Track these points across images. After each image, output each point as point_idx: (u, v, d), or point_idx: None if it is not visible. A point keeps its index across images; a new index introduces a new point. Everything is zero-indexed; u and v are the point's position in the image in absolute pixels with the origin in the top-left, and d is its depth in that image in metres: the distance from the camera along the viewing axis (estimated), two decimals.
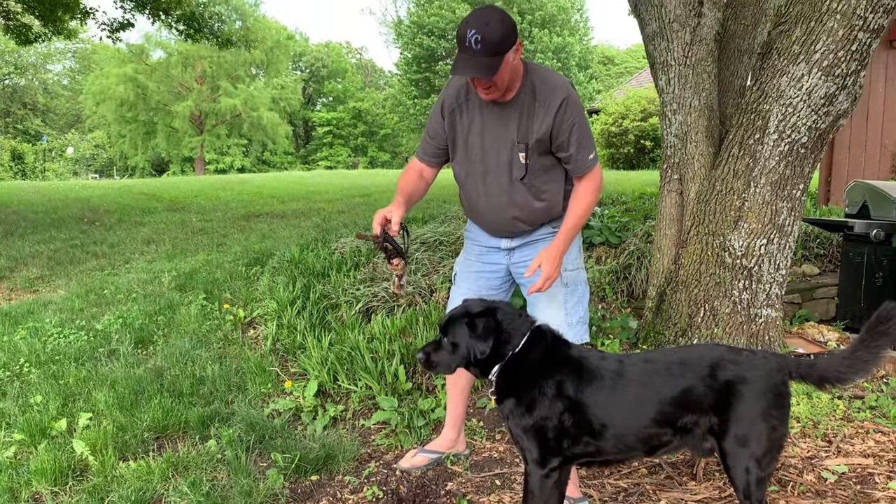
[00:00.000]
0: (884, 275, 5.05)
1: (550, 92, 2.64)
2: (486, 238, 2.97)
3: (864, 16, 3.57)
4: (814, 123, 3.84)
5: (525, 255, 2.90)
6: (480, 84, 2.54)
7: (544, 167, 2.75)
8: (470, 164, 2.80)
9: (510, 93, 2.64)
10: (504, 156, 2.72)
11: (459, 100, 2.76)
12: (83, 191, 15.20)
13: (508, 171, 2.73)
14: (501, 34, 2.42)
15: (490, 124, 2.72)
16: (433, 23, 39.32)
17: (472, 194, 2.85)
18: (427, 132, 2.89)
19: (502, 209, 2.79)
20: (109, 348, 4.51)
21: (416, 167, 2.91)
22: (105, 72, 40.50)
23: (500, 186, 2.76)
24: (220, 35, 13.37)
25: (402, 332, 4.17)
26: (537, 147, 2.67)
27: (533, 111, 2.64)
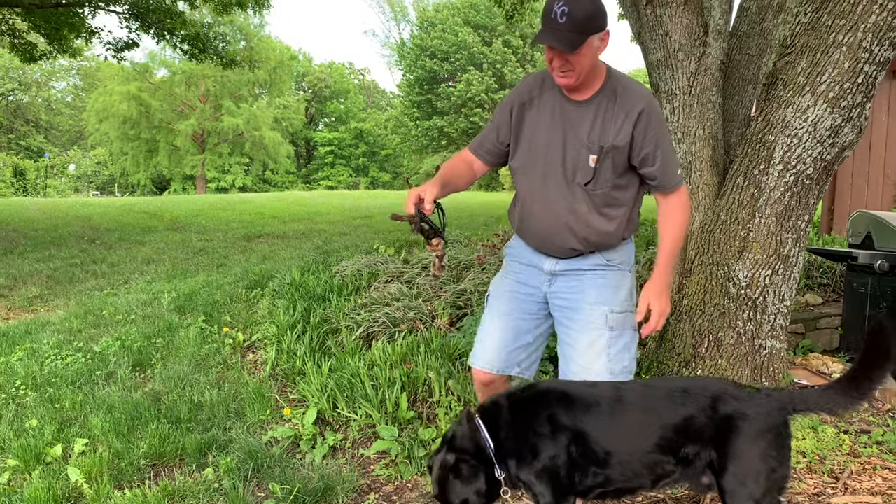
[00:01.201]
0: (888, 306, 5.02)
1: (633, 98, 2.43)
2: (528, 254, 2.68)
3: (871, 48, 3.56)
4: (819, 155, 3.82)
5: (568, 287, 2.60)
6: (558, 62, 2.31)
7: (616, 181, 2.49)
8: (532, 160, 2.53)
9: (588, 90, 2.44)
10: (571, 156, 2.45)
11: (533, 94, 2.54)
12: (84, 208, 15.20)
13: (573, 174, 2.46)
14: (590, 12, 2.25)
15: (561, 121, 2.47)
16: (436, 45, 39.58)
17: (527, 196, 2.58)
18: (489, 126, 2.66)
19: (557, 216, 2.50)
20: (107, 371, 4.47)
21: (467, 157, 2.67)
22: (109, 89, 40.70)
23: (559, 189, 2.49)
24: (224, 55, 13.43)
25: (404, 359, 4.13)
26: (613, 155, 2.43)
27: (612, 115, 2.42)
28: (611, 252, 2.59)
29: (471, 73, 38.43)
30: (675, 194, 2.54)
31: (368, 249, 7.05)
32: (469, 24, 39.72)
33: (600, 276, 2.57)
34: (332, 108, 57.73)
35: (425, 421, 3.74)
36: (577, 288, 2.58)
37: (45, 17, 12.69)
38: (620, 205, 2.54)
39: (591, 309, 2.54)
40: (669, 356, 4.32)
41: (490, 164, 2.69)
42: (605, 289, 2.55)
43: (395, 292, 5.09)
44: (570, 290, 2.59)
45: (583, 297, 2.55)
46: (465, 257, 5.96)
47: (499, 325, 2.70)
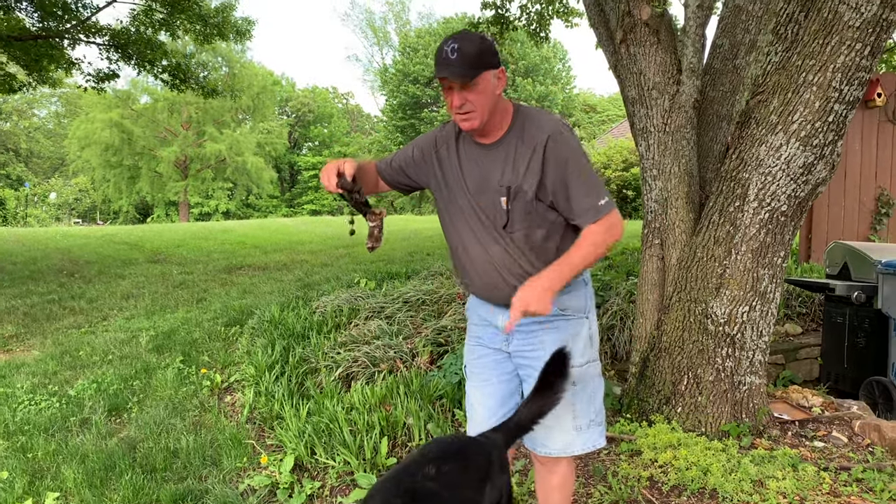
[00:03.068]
0: (865, 336, 5.05)
1: (537, 130, 2.31)
2: (481, 310, 2.58)
3: (840, 88, 3.61)
4: (793, 192, 3.85)
5: (525, 345, 2.49)
6: (457, 100, 2.23)
7: (535, 219, 2.35)
8: (454, 207, 2.45)
9: (495, 131, 2.36)
10: (486, 200, 2.36)
11: (449, 139, 2.48)
12: (64, 240, 15.07)
13: (492, 218, 2.36)
14: (480, 48, 2.21)
15: (473, 167, 2.40)
16: (418, 71, 39.83)
17: (458, 245, 2.50)
18: (403, 153, 2.59)
19: (489, 262, 2.40)
20: (82, 417, 4.40)
21: (376, 167, 2.61)
22: (91, 117, 40.56)
23: (484, 235, 2.39)
24: (205, 85, 13.42)
25: (383, 402, 4.09)
26: (524, 193, 2.30)
27: (521, 153, 2.32)
28: (563, 298, 2.43)
29: None
30: (592, 226, 2.32)
31: (349, 283, 7.02)
32: None
33: (556, 330, 2.46)
34: (316, 133, 57.78)
35: None
36: (534, 345, 2.47)
37: (25, 48, 12.61)
38: (551, 243, 2.40)
39: None
40: (649, 393, 4.31)
41: (388, 183, 2.62)
42: (563, 343, 2.39)
43: (375, 329, 5.06)
44: (528, 348, 2.49)
45: (543, 353, 2.38)
46: (445, 291, 5.94)
47: (481, 396, 2.61)
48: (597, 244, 2.31)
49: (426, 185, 2.55)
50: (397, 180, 2.58)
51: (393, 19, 57.33)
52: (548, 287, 2.21)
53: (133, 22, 12.92)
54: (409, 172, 2.54)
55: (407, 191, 2.66)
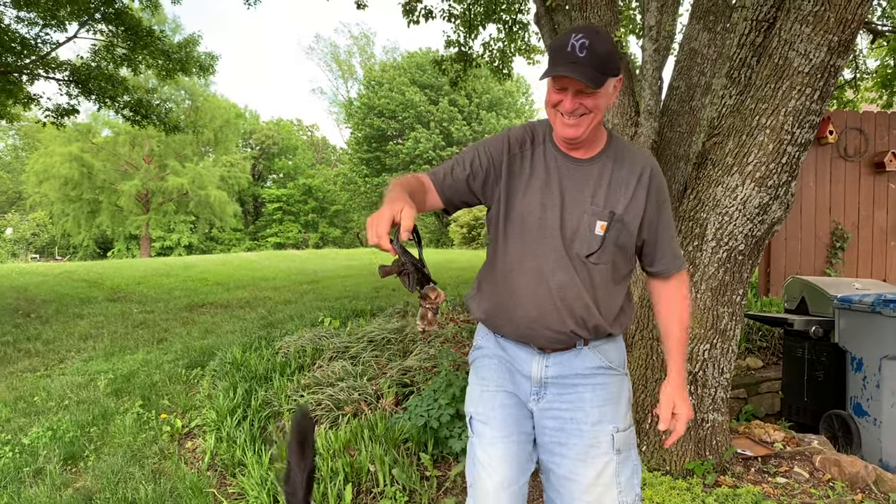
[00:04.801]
0: (824, 370, 5.13)
1: (639, 157, 2.11)
2: (508, 352, 2.20)
3: (792, 131, 3.71)
4: (750, 231, 3.93)
5: (562, 402, 2.14)
6: (570, 104, 1.94)
7: (618, 256, 2.09)
8: (521, 223, 2.08)
9: (592, 147, 2.10)
10: (571, 221, 2.04)
11: (524, 146, 2.12)
12: (20, 277, 14.73)
13: (571, 242, 2.04)
14: (610, 50, 1.92)
15: (559, 180, 2.07)
16: (383, 104, 40.05)
17: (510, 267, 2.10)
18: (458, 164, 2.13)
19: (550, 290, 2.05)
20: (36, 467, 4.26)
21: (424, 183, 2.08)
22: (49, 150, 39.95)
23: (555, 259, 2.04)
24: (167, 122, 13.34)
25: (347, 447, 4.04)
26: (624, 225, 2.05)
27: (620, 179, 2.07)
28: (608, 348, 2.17)
29: (418, 130, 38.92)
30: (678, 277, 2.23)
31: (313, 321, 6.95)
32: (415, 84, 40.35)
33: (601, 387, 2.14)
34: (280, 165, 57.62)
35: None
36: (574, 403, 2.12)
37: None
38: (621, 286, 2.17)
39: (595, 430, 2.10)
40: None
41: (448, 204, 2.13)
42: (607, 403, 2.13)
43: (339, 371, 5.01)
44: (565, 405, 2.12)
45: (583, 415, 2.10)
46: (411, 329, 5.92)
47: (498, 456, 2.12)
48: (688, 314, 2.23)
49: (489, 197, 2.14)
50: (457, 195, 2.12)
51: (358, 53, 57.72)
52: (685, 386, 2.22)
53: (94, 57, 12.84)
54: (474, 183, 2.11)
55: (458, 208, 2.18)
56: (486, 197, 2.15)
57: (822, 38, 3.54)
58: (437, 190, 2.09)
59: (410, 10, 10.51)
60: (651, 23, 4.34)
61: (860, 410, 4.81)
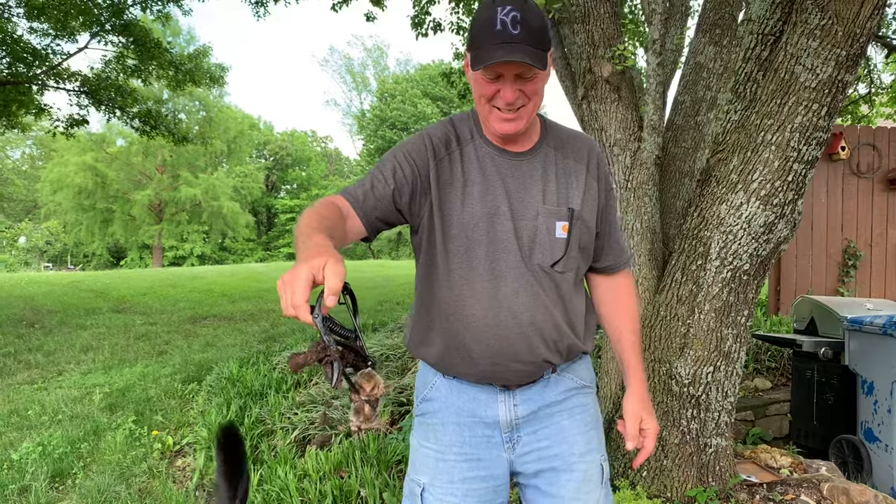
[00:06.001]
0: (834, 393, 4.98)
1: (581, 142, 1.83)
2: (467, 400, 1.81)
3: (799, 148, 3.59)
4: (755, 251, 3.81)
5: (541, 439, 1.82)
6: (510, 93, 1.61)
7: (585, 257, 1.83)
8: (465, 243, 1.70)
9: (528, 137, 1.78)
10: (527, 227, 1.71)
11: (450, 145, 1.76)
12: (29, 287, 14.75)
13: (530, 251, 1.70)
14: (544, 22, 1.60)
15: (501, 181, 1.73)
16: (395, 116, 40.17)
17: (461, 295, 1.71)
18: (382, 175, 1.71)
19: (516, 315, 1.69)
20: (22, 484, 4.18)
21: (341, 208, 1.65)
22: (64, 160, 40.27)
23: (516, 275, 1.69)
24: (175, 132, 13.36)
25: (338, 468, 3.93)
26: (584, 222, 1.77)
27: (567, 168, 1.78)
28: (578, 367, 1.90)
29: None
30: (625, 273, 2.00)
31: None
32: (427, 96, 40.44)
33: (579, 409, 1.86)
34: (294, 176, 57.82)
35: None
36: (555, 437, 1.82)
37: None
38: (580, 291, 1.85)
39: (586, 463, 1.82)
40: (614, 456, 4.19)
41: (365, 229, 1.70)
42: (590, 427, 1.86)
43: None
44: (545, 442, 1.81)
45: (568, 447, 1.81)
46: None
47: None
48: (637, 316, 1.98)
49: (416, 214, 1.75)
50: (381, 216, 1.71)
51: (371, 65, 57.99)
52: (649, 397, 1.93)
53: (105, 68, 12.89)
54: (401, 200, 1.71)
55: (385, 228, 1.78)
56: (412, 214, 1.74)
57: (829, 52, 3.42)
58: (359, 214, 1.67)
59: (419, 23, 10.47)
60: (655, 36, 4.24)
61: (871, 436, 4.65)
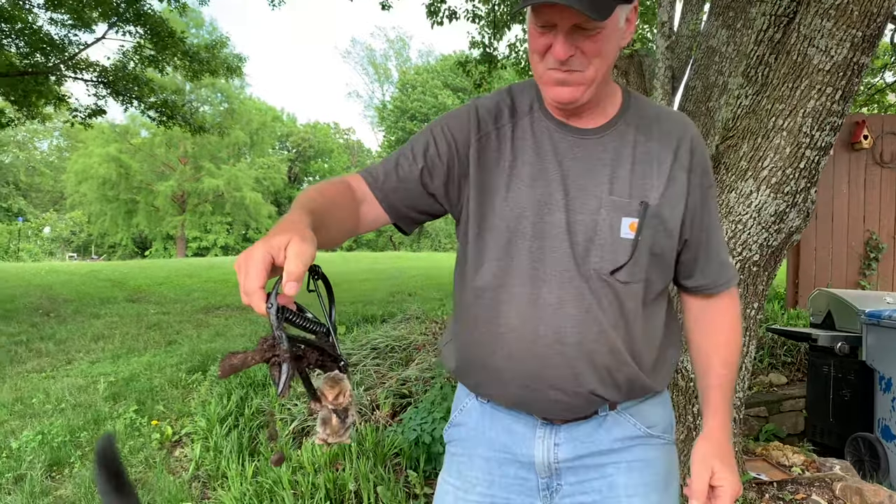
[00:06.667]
0: (851, 389, 4.82)
1: (674, 126, 1.42)
2: (499, 432, 1.50)
3: (811, 133, 3.44)
4: (765, 241, 3.66)
5: (582, 495, 1.46)
6: (563, 48, 1.26)
7: (661, 267, 1.42)
8: (506, 237, 1.37)
9: (600, 110, 1.41)
10: (584, 222, 1.34)
11: (501, 118, 1.43)
12: (48, 275, 14.89)
13: (586, 253, 1.34)
14: None
15: (558, 163, 1.37)
16: (415, 108, 40.07)
17: (495, 304, 1.39)
18: (411, 152, 1.43)
19: (560, 331, 1.33)
20: (18, 473, 4.15)
21: (355, 187, 1.40)
22: (89, 151, 40.70)
23: (564, 281, 1.34)
24: (192, 122, 13.38)
25: (333, 461, 3.86)
26: (662, 222, 1.36)
27: (648, 153, 1.38)
28: (648, 409, 1.49)
29: None
30: (726, 296, 1.54)
31: None
32: (448, 87, 40.27)
33: (640, 465, 1.46)
34: (316, 167, 57.99)
35: None
36: (603, 493, 1.45)
37: (12, 84, 12.61)
38: (657, 311, 1.45)
39: None
40: None
41: (397, 217, 1.44)
42: (651, 489, 1.46)
43: None
44: (591, 497, 1.46)
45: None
46: (416, 337, 5.72)
47: None
48: (738, 347, 1.54)
49: (454, 202, 1.45)
50: (408, 203, 1.42)
51: (394, 56, 57.91)
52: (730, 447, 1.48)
53: (122, 58, 12.93)
54: (433, 183, 1.41)
55: (416, 222, 1.48)
56: (450, 201, 1.44)
57: (844, 33, 3.27)
58: (378, 197, 1.39)
59: (434, 11, 10.35)
60: (663, 18, 4.10)
61: (889, 434, 4.49)
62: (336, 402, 1.10)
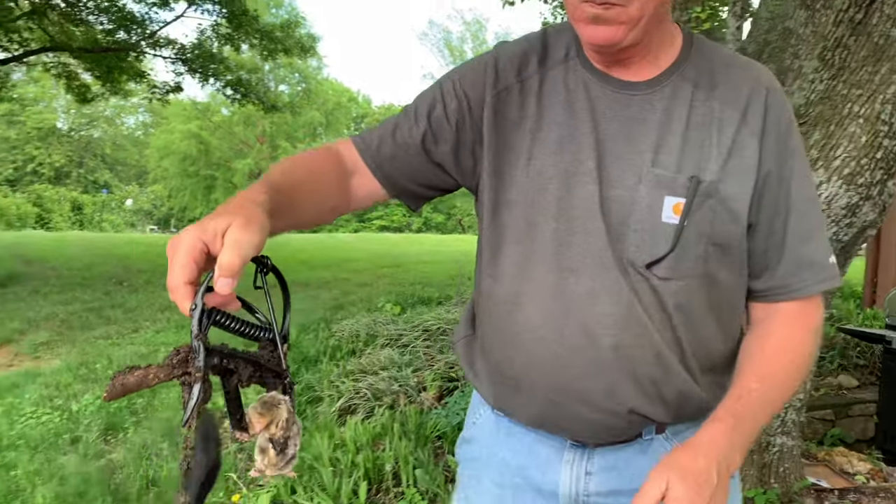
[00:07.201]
0: None
1: (745, 78, 1.11)
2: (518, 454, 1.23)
3: (890, 122, 3.22)
4: (835, 235, 3.45)
5: None
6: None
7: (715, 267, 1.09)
8: (525, 213, 1.13)
9: (651, 60, 1.12)
10: (620, 198, 1.08)
11: (525, 69, 1.17)
12: (127, 246, 15.45)
13: (622, 238, 1.07)
14: None
15: (591, 125, 1.11)
16: None
17: (513, 297, 1.14)
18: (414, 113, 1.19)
19: (592, 338, 1.08)
20: (75, 435, 4.30)
21: (345, 154, 1.19)
22: (171, 127, 42.05)
23: (595, 272, 1.08)
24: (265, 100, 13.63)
25: (375, 440, 3.85)
26: (717, 203, 1.06)
27: (708, 114, 1.09)
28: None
29: None
30: (802, 303, 1.14)
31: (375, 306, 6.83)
32: None
33: None
34: None
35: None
36: None
37: (96, 60, 13.08)
38: (728, 318, 1.16)
39: None
40: None
41: (396, 190, 1.22)
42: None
43: (384, 359, 4.83)
44: None
45: None
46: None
47: None
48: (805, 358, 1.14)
49: (467, 173, 1.21)
50: (408, 174, 1.20)
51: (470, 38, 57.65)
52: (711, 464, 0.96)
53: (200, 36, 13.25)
54: (437, 150, 1.18)
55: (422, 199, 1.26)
56: (462, 171, 1.20)
57: None
58: (371, 167, 1.18)
59: None
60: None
61: None
62: (267, 431, 0.87)
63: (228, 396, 0.87)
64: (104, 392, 0.81)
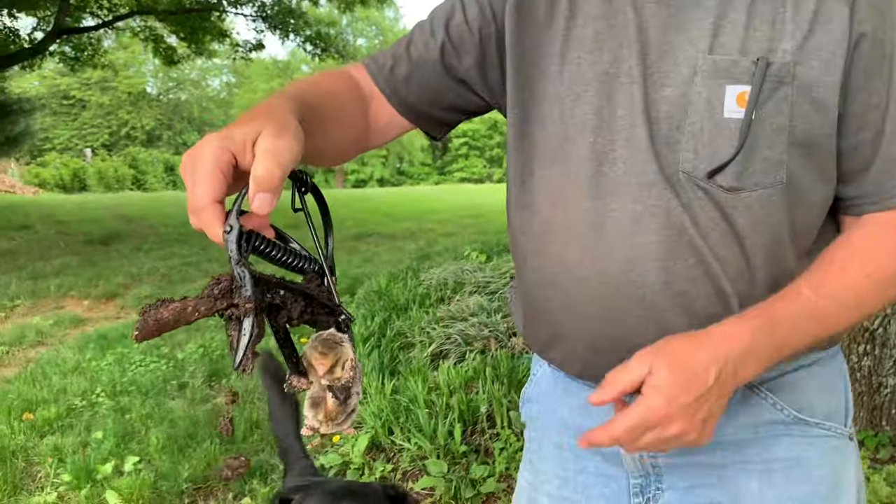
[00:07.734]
0: None
1: None
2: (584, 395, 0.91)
3: None
4: None
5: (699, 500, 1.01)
6: None
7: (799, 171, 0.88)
8: (561, 129, 0.96)
9: None
10: (667, 101, 0.89)
11: None
12: None
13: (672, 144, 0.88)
14: None
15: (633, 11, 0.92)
16: None
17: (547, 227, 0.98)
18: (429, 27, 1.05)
19: (636, 273, 0.90)
20: (182, 381, 4.51)
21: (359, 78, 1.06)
22: (254, 86, 42.90)
23: (640, 191, 0.89)
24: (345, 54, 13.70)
25: (468, 383, 3.88)
26: (795, 88, 0.85)
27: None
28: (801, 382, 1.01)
29: None
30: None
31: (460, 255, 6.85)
32: None
33: (782, 466, 0.99)
34: None
35: (481, 455, 3.47)
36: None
37: (180, 21, 13.39)
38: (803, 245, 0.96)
39: None
40: None
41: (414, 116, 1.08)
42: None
43: (472, 306, 4.84)
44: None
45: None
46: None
47: None
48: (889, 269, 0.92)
49: (496, 89, 1.07)
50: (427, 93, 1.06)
51: None
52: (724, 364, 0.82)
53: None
54: (459, 63, 1.03)
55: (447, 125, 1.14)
56: (491, 91, 1.07)
57: None
58: (386, 92, 1.05)
59: None
60: None
61: None
62: (331, 375, 0.74)
63: (278, 336, 0.75)
64: (134, 330, 0.67)
